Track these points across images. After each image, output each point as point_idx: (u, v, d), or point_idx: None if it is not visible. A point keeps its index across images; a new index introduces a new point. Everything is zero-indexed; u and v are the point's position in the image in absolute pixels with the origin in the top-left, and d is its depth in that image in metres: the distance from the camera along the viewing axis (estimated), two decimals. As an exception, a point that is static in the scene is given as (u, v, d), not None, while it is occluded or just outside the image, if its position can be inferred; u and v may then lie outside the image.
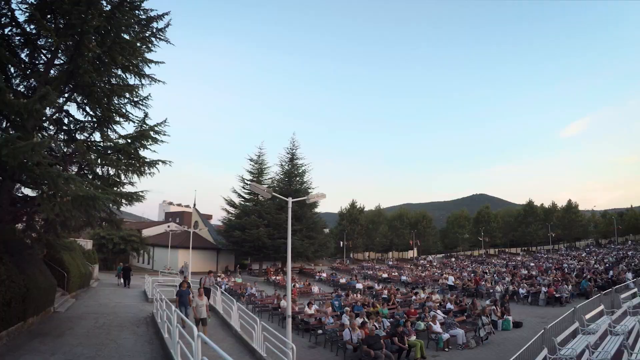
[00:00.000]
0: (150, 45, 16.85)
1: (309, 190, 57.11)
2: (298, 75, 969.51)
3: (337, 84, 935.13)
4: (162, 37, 16.98)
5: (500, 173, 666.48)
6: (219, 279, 36.39)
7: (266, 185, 54.82)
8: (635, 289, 25.49)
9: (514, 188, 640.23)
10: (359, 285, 37.10)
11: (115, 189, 15.59)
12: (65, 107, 16.04)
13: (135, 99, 17.36)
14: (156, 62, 17.41)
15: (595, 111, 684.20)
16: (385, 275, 49.98)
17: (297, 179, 58.31)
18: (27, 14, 13.88)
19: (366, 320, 17.23)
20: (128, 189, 16.69)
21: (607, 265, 45.96)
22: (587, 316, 16.87)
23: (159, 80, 17.71)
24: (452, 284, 37.67)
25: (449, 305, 24.09)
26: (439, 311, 21.73)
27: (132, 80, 17.05)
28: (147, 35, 16.63)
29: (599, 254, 68.97)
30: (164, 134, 17.18)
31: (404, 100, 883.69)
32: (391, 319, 19.76)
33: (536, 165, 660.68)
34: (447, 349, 16.96)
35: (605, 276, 34.98)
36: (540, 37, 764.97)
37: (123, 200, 15.38)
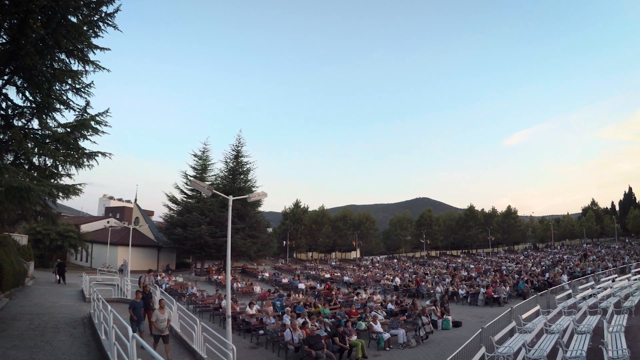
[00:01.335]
0: (97, 30, 16.11)
1: (253, 189, 56.50)
2: (247, 72, 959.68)
3: (284, 82, 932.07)
4: (110, 23, 16.27)
5: (443, 178, 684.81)
6: (159, 278, 35.50)
7: (209, 183, 54.06)
8: (570, 290, 27.00)
9: (456, 193, 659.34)
10: (302, 286, 37.05)
11: (52, 180, 14.87)
12: (3, 91, 15.11)
13: (78, 86, 16.58)
14: (102, 49, 16.68)
15: (538, 123, 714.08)
16: (327, 276, 50.24)
17: (242, 176, 57.57)
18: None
19: (307, 320, 17.17)
20: (66, 181, 15.97)
21: (544, 267, 48.14)
22: (524, 316, 17.60)
23: (103, 68, 16.98)
24: (398, 285, 38.18)
25: (390, 306, 24.43)
26: (380, 311, 22.02)
27: (75, 65, 16.26)
28: (95, 19, 15.86)
29: (536, 257, 72.29)
30: (105, 125, 16.59)
31: (350, 102, 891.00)
32: (333, 319, 19.81)
33: (478, 171, 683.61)
34: (388, 349, 17.18)
35: (542, 278, 36.66)
36: (492, 47, 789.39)
37: (60, 193, 14.69)
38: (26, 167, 15.05)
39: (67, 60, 15.90)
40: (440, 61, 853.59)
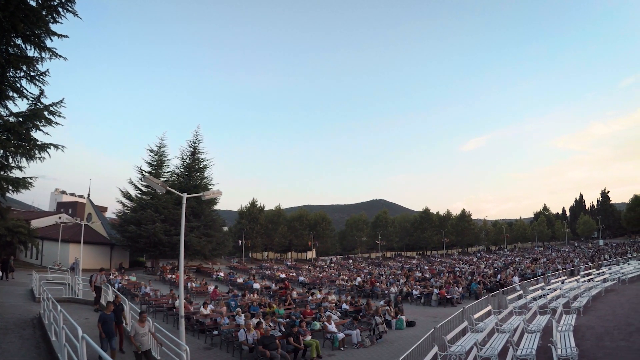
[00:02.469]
0: (56, 15, 15.54)
1: (209, 187, 55.66)
2: (207, 67, 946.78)
3: (242, 80, 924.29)
4: (70, 9, 15.75)
5: (399, 180, 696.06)
6: (111, 277, 34.56)
7: (165, 179, 53.01)
8: (521, 291, 27.96)
9: (412, 195, 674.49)
10: (256, 285, 36.80)
11: (1, 172, 14.25)
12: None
13: (32, 74, 16.01)
14: (60, 36, 16.12)
15: (495, 130, 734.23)
16: (283, 276, 50.08)
17: (198, 174, 56.50)
18: None
19: (261, 320, 17.08)
20: (16, 173, 15.34)
21: (496, 269, 49.49)
22: (476, 316, 18.09)
23: (60, 56, 16.41)
24: (359, 284, 38.45)
25: (344, 306, 24.62)
26: (334, 311, 22.12)
27: (31, 52, 15.72)
28: (54, 3, 15.30)
29: (489, 259, 74.43)
30: (59, 116, 16.08)
31: (309, 103, 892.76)
32: (287, 319, 19.78)
33: (434, 175, 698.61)
34: (342, 348, 17.25)
35: (494, 279, 37.76)
36: (453, 54, 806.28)
37: (9, 186, 14.12)
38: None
39: (23, 46, 15.31)
40: (401, 66, 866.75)
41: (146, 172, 52.77)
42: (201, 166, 56.90)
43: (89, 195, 66.07)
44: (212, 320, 19.29)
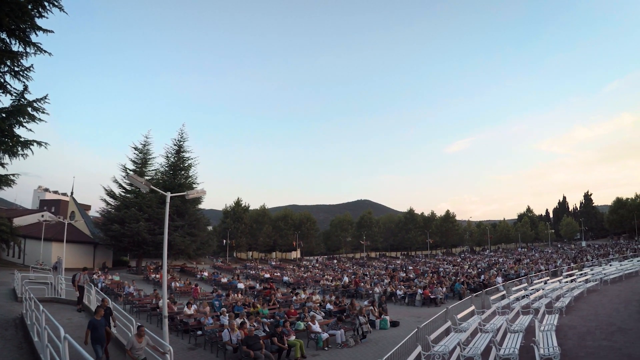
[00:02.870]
0: (42, 10, 15.33)
1: (194, 185, 55.15)
2: (193, 66, 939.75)
3: (228, 79, 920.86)
4: (56, 3, 15.55)
5: (384, 181, 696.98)
6: (94, 277, 34.20)
7: (149, 177, 52.48)
8: (504, 292, 28.30)
9: (397, 196, 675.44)
10: (241, 285, 36.74)
11: (-17, 170, 14.04)
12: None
13: (17, 69, 15.75)
14: (45, 30, 15.90)
15: (480, 132, 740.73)
16: (267, 276, 50.06)
17: (183, 172, 55.82)
18: None
19: (245, 320, 17.05)
20: (-2, 170, 15.11)
21: (480, 270, 50.03)
22: (459, 316, 18.28)
23: (45, 51, 16.19)
24: (344, 285, 38.70)
25: (328, 306, 24.71)
26: (318, 311, 22.16)
27: (16, 46, 15.46)
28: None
29: (472, 260, 75.27)
30: (43, 112, 15.86)
31: (294, 102, 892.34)
32: (271, 319, 19.80)
33: (419, 176, 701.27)
34: (326, 348, 17.30)
35: (478, 280, 38.18)
36: (439, 56, 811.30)
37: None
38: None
39: (8, 40, 15.08)
40: (387, 68, 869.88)
41: (130, 170, 52.17)
42: (186, 165, 56.29)
43: (72, 193, 65.25)
44: (196, 321, 19.20)
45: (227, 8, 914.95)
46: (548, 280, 34.56)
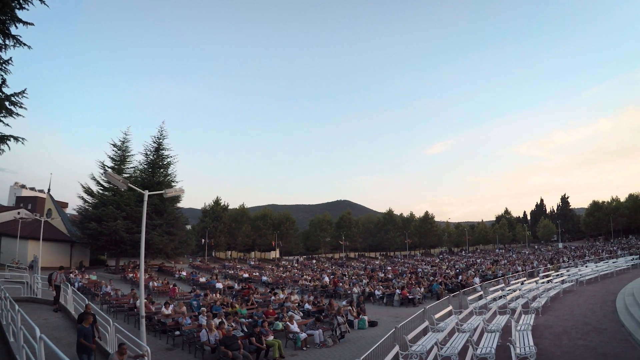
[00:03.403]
0: (22, 1, 15.16)
1: (173, 184, 54.73)
2: (172, 64, 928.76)
3: (208, 78, 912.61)
4: (36, -6, 15.38)
5: (364, 182, 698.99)
6: (71, 276, 33.81)
7: (128, 175, 52.00)
8: (481, 292, 28.76)
9: (376, 197, 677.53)
10: (219, 285, 36.65)
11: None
12: None
13: (-5, 61, 15.56)
14: (25, 23, 15.72)
15: (459, 135, 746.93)
16: (246, 275, 49.99)
17: (162, 170, 55.53)
18: None
19: (224, 320, 17.09)
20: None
21: (458, 270, 50.70)
22: (437, 316, 18.51)
23: (24, 44, 16.01)
24: (323, 285, 38.86)
25: (307, 306, 24.84)
26: (297, 311, 22.29)
27: (-6, 39, 15.25)
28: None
29: (451, 261, 76.32)
30: (21, 107, 15.70)
31: (274, 102, 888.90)
32: (249, 319, 19.86)
33: (398, 177, 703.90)
34: (304, 348, 17.42)
35: (455, 280, 38.70)
36: (419, 57, 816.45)
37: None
38: None
39: (-14, 32, 14.91)
40: (368, 68, 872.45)
41: (109, 167, 51.49)
42: (165, 163, 55.89)
43: (49, 190, 64.16)
44: (173, 321, 19.14)
45: (208, 5, 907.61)
46: (525, 280, 35.13)
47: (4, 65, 15.85)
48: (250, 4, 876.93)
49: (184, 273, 48.86)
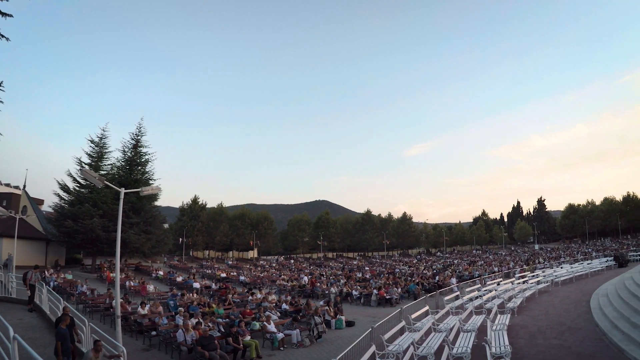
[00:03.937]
0: None
1: (151, 182, 53.86)
2: (151, 60, 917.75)
3: (186, 74, 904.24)
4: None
5: (342, 182, 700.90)
6: (46, 275, 33.34)
7: (105, 172, 51.26)
8: (458, 292, 29.18)
9: (355, 197, 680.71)
10: (196, 285, 36.51)
11: None
12: None
13: (-30, 53, 15.29)
14: (3, 14, 15.44)
15: (438, 137, 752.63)
16: (224, 275, 49.85)
17: (139, 168, 54.56)
18: None
19: (200, 320, 17.11)
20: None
21: (435, 271, 51.46)
22: (413, 316, 18.83)
23: (2, 36, 15.71)
24: (301, 285, 39.01)
25: (284, 306, 24.93)
26: (274, 311, 22.38)
27: (-30, 29, 14.98)
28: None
29: (428, 261, 77.28)
30: (-3, 100, 15.43)
31: (253, 101, 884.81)
32: (226, 319, 19.88)
33: (377, 178, 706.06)
34: (282, 348, 17.53)
35: (432, 281, 39.30)
36: (399, 60, 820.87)
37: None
38: None
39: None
40: (349, 67, 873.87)
41: (86, 164, 50.57)
42: (143, 160, 55.01)
43: (24, 186, 62.77)
44: (150, 321, 19.04)
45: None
46: (501, 281, 35.73)
47: (-21, 58, 15.60)
48: (226, 3, 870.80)
49: (161, 272, 48.49)
